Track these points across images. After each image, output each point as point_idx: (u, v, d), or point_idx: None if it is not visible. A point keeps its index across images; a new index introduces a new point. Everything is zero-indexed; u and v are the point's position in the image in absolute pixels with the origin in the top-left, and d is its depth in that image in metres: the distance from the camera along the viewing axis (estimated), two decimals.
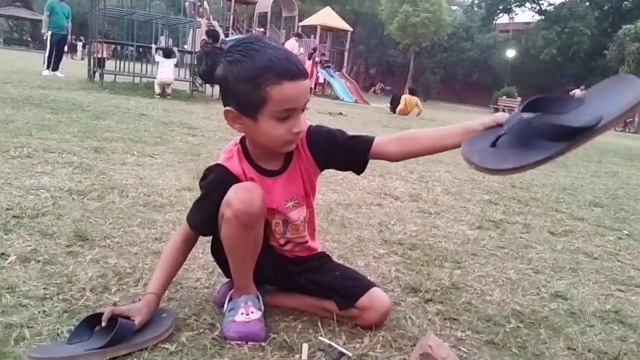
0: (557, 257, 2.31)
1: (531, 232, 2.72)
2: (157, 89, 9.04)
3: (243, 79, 1.21)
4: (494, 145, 1.14)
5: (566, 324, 1.61)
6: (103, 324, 1.19)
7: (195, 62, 9.29)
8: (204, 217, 1.35)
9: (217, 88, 6.55)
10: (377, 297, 1.44)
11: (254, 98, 1.21)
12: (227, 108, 1.28)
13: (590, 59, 35.39)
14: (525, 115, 1.13)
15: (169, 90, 9.01)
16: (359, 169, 1.46)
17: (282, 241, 1.47)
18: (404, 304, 1.62)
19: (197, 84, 10.05)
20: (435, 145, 1.39)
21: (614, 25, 32.44)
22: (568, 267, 2.20)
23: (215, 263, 1.72)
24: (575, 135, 1.05)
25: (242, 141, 1.40)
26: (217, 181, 1.32)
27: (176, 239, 1.41)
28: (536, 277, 2.02)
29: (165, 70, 9.05)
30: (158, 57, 9.33)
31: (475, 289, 1.82)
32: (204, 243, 1.84)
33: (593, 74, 35.10)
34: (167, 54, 9.48)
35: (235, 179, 1.32)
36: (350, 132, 1.45)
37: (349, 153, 1.42)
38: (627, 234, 2.91)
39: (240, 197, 1.25)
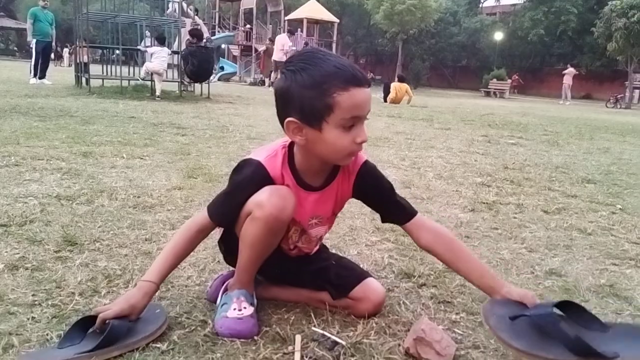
0: (550, 235, 2.31)
1: (524, 211, 2.72)
2: (142, 73, 9.01)
3: (309, 86, 1.18)
4: (513, 319, 1.20)
5: None
6: (97, 330, 1.18)
7: (182, 62, 9.24)
8: (227, 211, 1.32)
9: (206, 87, 6.53)
10: (371, 288, 1.43)
11: (320, 105, 1.18)
12: (290, 119, 1.23)
13: (578, 37, 35.35)
14: (557, 311, 1.20)
15: (158, 83, 8.95)
16: (384, 220, 1.48)
17: (291, 247, 1.46)
18: (397, 290, 1.61)
19: (186, 84, 10.01)
20: (459, 271, 1.42)
21: (600, 2, 32.36)
22: (562, 244, 2.19)
23: (206, 260, 1.72)
24: (590, 356, 1.09)
25: (291, 146, 1.35)
26: (251, 178, 1.29)
27: (190, 229, 1.35)
28: (530, 256, 2.02)
29: (158, 60, 9.00)
30: (151, 48, 9.29)
31: None
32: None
33: (582, 52, 35.17)
34: (161, 40, 9.45)
35: (271, 182, 1.29)
36: (397, 193, 1.46)
37: (387, 213, 1.45)
38: (620, 209, 2.91)
39: (274, 202, 1.23)
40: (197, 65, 8.92)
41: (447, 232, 1.46)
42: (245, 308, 1.32)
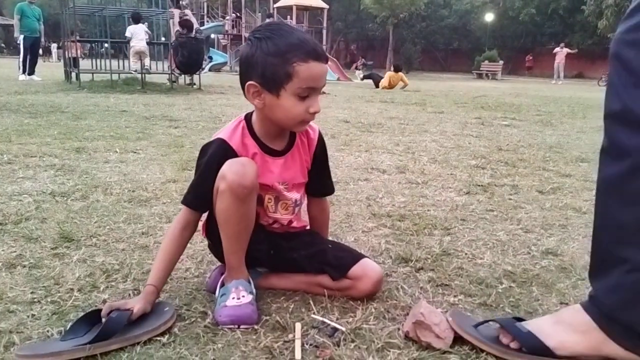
0: (546, 215, 2.32)
1: (519, 192, 2.73)
2: (133, 65, 8.98)
3: (273, 54, 1.27)
4: (477, 326, 1.25)
5: (558, 280, 1.62)
6: (103, 319, 1.19)
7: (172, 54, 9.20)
8: (199, 192, 1.38)
9: (196, 77, 6.48)
10: (369, 266, 1.45)
11: (281, 72, 1.27)
12: (250, 82, 1.31)
13: (569, 16, 35.31)
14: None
15: (146, 63, 8.93)
16: (315, 193, 1.60)
17: (270, 220, 1.48)
18: (395, 275, 1.62)
19: (176, 75, 9.95)
20: None
21: None
22: (557, 223, 2.21)
23: (204, 252, 1.72)
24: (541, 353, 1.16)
25: (247, 118, 1.43)
26: (215, 155, 1.35)
27: (173, 228, 1.41)
28: (526, 237, 2.03)
29: (138, 38, 9.00)
30: (128, 30, 9.29)
31: (466, 254, 1.82)
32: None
33: (573, 31, 35.11)
34: (136, 18, 9.44)
35: (234, 155, 1.35)
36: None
37: (322, 184, 1.60)
38: None
39: (234, 169, 1.29)
40: (187, 56, 8.89)
41: (328, 213, 1.69)
42: (244, 296, 1.32)
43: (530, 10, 35.75)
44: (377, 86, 13.43)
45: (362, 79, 14.04)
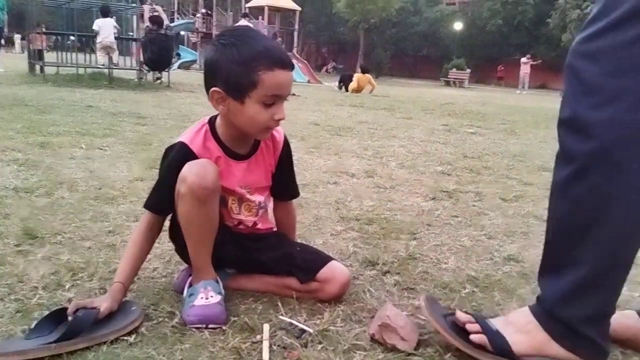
0: (508, 222, 2.39)
1: (483, 199, 2.80)
2: (100, 59, 8.81)
3: (237, 61, 1.26)
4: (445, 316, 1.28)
5: (518, 285, 1.68)
6: (69, 318, 1.18)
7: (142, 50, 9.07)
8: (161, 196, 1.38)
9: (165, 74, 6.40)
10: (337, 269, 1.47)
11: (246, 80, 1.26)
12: (214, 89, 1.31)
13: (534, 28, 36.24)
14: None
15: (114, 58, 8.77)
16: (280, 197, 1.62)
17: (235, 222, 1.48)
18: (362, 278, 1.65)
19: (145, 72, 9.81)
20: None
21: None
22: (519, 231, 2.28)
23: (172, 252, 1.72)
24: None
25: (211, 121, 1.43)
26: (176, 159, 1.35)
27: (139, 228, 1.41)
28: (489, 243, 2.09)
29: (105, 32, 8.84)
30: (96, 23, 9.13)
31: (431, 258, 1.86)
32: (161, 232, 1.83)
33: (538, 43, 36.03)
34: (105, 12, 9.29)
35: (194, 158, 1.34)
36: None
37: (286, 188, 1.60)
38: None
39: (194, 171, 1.28)
40: (157, 52, 8.78)
41: (295, 217, 1.70)
42: (212, 296, 1.33)
43: (497, 21, 36.59)
44: (346, 90, 13.52)
45: (340, 88, 14.08)
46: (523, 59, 24.95)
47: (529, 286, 1.67)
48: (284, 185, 1.57)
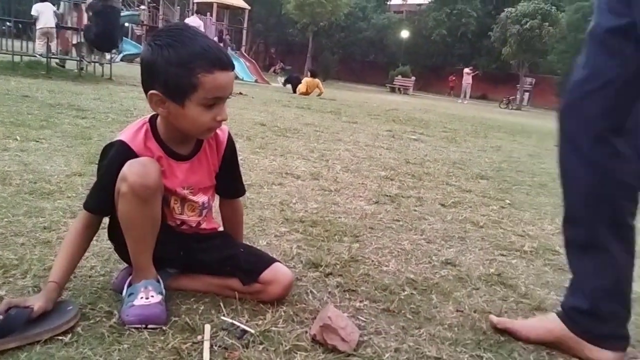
0: (447, 227, 2.47)
1: (424, 204, 2.88)
2: (38, 47, 8.40)
3: (175, 63, 1.23)
4: None
5: (455, 289, 1.74)
6: (0, 316, 1.13)
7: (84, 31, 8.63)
8: (101, 196, 1.34)
9: (107, 67, 6.21)
10: (280, 271, 1.47)
11: (185, 83, 1.23)
12: (153, 92, 1.28)
13: (477, 40, 37.52)
14: None
15: (52, 47, 8.37)
16: (226, 195, 1.61)
17: (178, 222, 1.46)
18: (305, 279, 1.67)
19: (86, 62, 9.46)
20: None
21: (498, 7, 34.55)
22: (457, 235, 2.36)
23: (111, 250, 1.67)
24: None
25: (152, 120, 1.39)
26: (115, 158, 1.31)
27: (76, 226, 1.37)
28: (428, 247, 2.16)
29: (45, 17, 8.43)
30: (34, 8, 8.70)
31: (372, 261, 1.90)
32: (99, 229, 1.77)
33: (480, 54, 37.34)
34: None
35: (135, 157, 1.31)
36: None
37: (233, 187, 1.59)
38: (509, 203, 3.17)
39: (135, 170, 1.26)
40: (102, 27, 8.22)
41: (242, 214, 1.70)
42: (153, 296, 1.31)
43: (442, 31, 37.61)
44: (294, 91, 13.54)
45: (284, 84, 14.09)
46: (466, 70, 25.81)
47: (465, 289, 1.74)
48: (229, 184, 1.56)
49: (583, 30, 1.45)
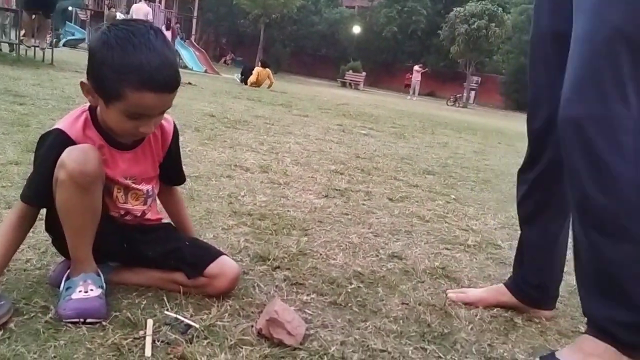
0: (394, 221, 2.50)
1: (372, 199, 2.91)
2: None
3: (108, 66, 1.19)
4: None
5: (401, 282, 1.76)
6: None
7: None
8: (36, 187, 1.29)
9: (48, 52, 5.95)
10: (226, 264, 1.45)
11: (110, 89, 1.20)
12: (84, 81, 1.26)
13: (426, 38, 38.17)
14: None
15: None
16: (168, 183, 1.59)
17: (122, 212, 1.42)
18: (252, 273, 1.65)
19: (26, 46, 9.03)
20: (174, 223, 1.63)
21: (447, 7, 35.23)
22: (404, 229, 2.39)
23: (48, 242, 1.60)
24: None
25: (92, 109, 1.34)
26: (52, 147, 1.26)
27: (11, 217, 1.31)
28: (376, 240, 2.18)
29: None
30: None
31: (320, 254, 1.91)
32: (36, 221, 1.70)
33: (429, 52, 38.04)
34: None
35: (74, 145, 1.26)
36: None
37: (175, 176, 1.59)
38: (454, 198, 3.25)
39: (74, 157, 1.21)
40: None
41: (179, 204, 1.66)
42: (92, 290, 1.26)
43: (392, 28, 38.05)
44: (244, 83, 13.40)
45: (241, 81, 13.89)
46: (416, 67, 26.26)
47: (410, 282, 1.76)
48: (171, 172, 1.55)
49: (527, 31, 1.48)
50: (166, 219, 1.61)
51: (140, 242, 1.44)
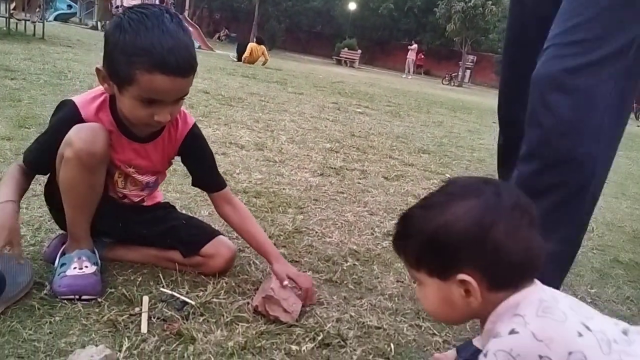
0: (389, 200, 2.50)
1: (368, 177, 2.91)
2: None
3: (120, 50, 1.15)
4: None
5: (396, 260, 1.76)
6: None
7: None
8: (40, 153, 1.29)
9: (39, 26, 5.82)
10: (222, 244, 1.45)
11: (123, 73, 1.16)
12: (100, 67, 1.21)
13: (422, 16, 37.79)
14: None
15: None
16: (194, 184, 1.52)
17: (120, 195, 1.40)
18: (248, 250, 1.64)
19: (17, 20, 8.86)
20: (243, 236, 1.48)
21: None
22: (399, 208, 2.39)
23: (42, 219, 1.59)
24: None
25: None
26: (63, 120, 1.25)
27: (13, 169, 1.29)
28: (371, 219, 2.18)
29: None
30: None
31: (316, 232, 1.90)
32: (28, 197, 1.68)
33: (425, 30, 37.72)
34: None
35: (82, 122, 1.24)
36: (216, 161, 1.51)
37: (199, 179, 1.49)
38: (448, 177, 3.24)
39: (82, 136, 1.20)
40: None
41: (243, 208, 1.51)
42: (87, 267, 1.26)
43: (389, 5, 37.64)
44: (240, 59, 13.25)
45: (238, 60, 13.73)
46: (414, 45, 26.12)
47: None
48: (202, 177, 1.48)
49: None
50: (163, 200, 1.59)
51: (137, 222, 1.44)
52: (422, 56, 31.65)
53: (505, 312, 0.76)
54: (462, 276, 0.76)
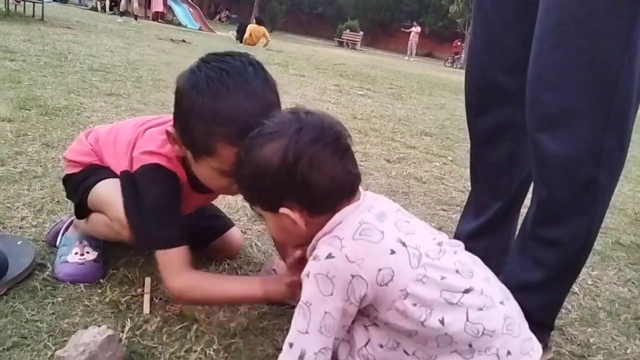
0: (391, 182, 2.50)
1: (369, 160, 2.90)
2: None
3: (196, 115, 0.98)
4: None
5: None
6: None
7: None
8: (173, 228, 1.09)
9: (38, 7, 5.76)
10: (232, 240, 1.43)
11: (202, 143, 1.00)
12: (171, 129, 1.06)
13: None
14: None
15: None
16: None
17: None
18: (250, 232, 1.65)
19: (16, 1, 8.79)
20: None
21: None
22: (401, 191, 2.39)
23: (43, 200, 1.59)
24: None
25: None
26: (172, 189, 1.11)
27: (187, 272, 1.09)
28: None
29: None
30: None
31: None
32: (29, 179, 1.68)
33: (427, 11, 37.37)
34: None
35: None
36: None
37: None
38: (451, 160, 3.23)
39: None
40: None
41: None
42: (88, 252, 1.25)
43: None
44: (241, 41, 13.16)
45: (237, 39, 13.64)
46: (416, 28, 25.88)
47: None
48: None
49: None
50: None
51: None
52: (459, 42, 28.99)
53: (327, 232, 0.86)
54: (283, 210, 0.86)
